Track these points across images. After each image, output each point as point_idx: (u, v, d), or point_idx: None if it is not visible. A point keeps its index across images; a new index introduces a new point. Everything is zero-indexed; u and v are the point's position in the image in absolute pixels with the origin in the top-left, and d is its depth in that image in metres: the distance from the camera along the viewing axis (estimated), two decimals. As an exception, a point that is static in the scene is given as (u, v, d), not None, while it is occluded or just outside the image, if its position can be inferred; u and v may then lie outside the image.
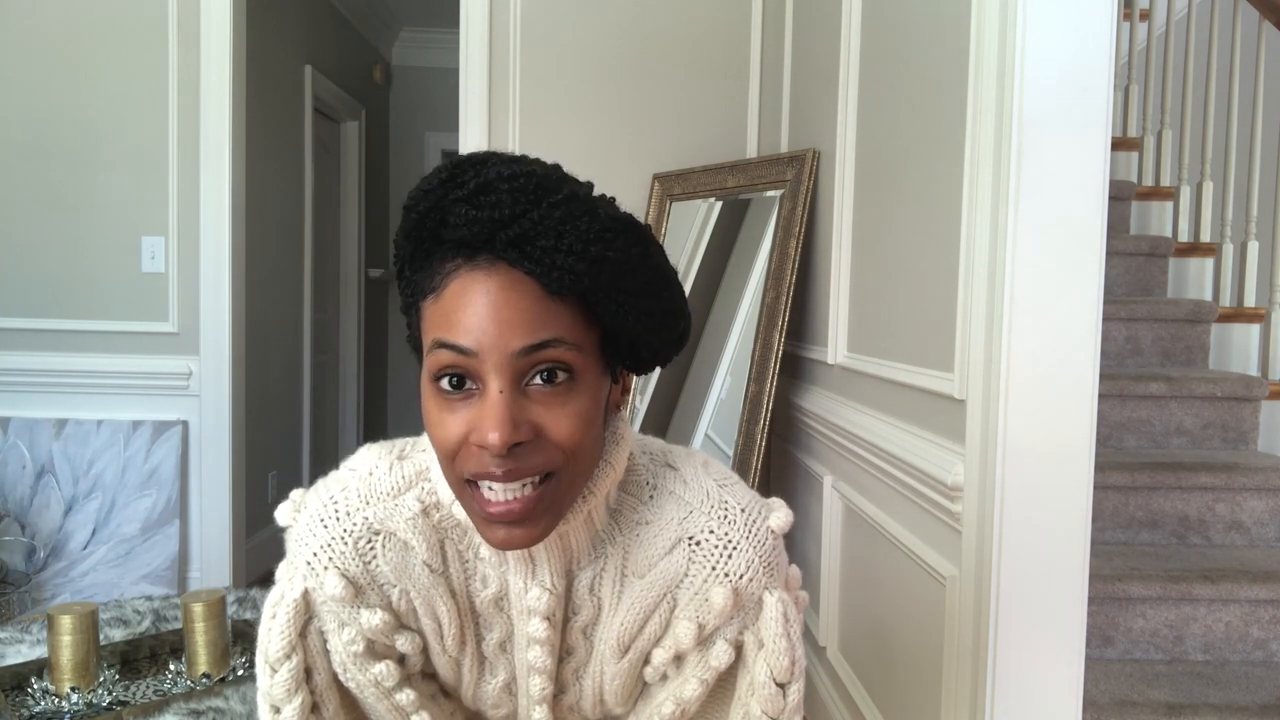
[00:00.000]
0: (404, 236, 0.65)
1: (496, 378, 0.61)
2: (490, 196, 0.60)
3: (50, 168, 2.95)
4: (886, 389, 1.80)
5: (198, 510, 3.02)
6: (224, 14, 2.90)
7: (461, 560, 0.75)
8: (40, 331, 2.98)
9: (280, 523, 0.74)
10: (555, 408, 0.63)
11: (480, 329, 0.61)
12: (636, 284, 0.65)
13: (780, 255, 2.31)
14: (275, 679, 0.73)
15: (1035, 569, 1.32)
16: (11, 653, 1.71)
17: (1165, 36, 2.91)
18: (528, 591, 0.74)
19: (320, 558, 0.71)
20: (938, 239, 1.55)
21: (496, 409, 0.61)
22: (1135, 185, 2.94)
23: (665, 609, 0.75)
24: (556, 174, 0.64)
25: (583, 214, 0.62)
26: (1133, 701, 1.70)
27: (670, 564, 0.73)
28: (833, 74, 2.14)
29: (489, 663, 0.80)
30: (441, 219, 0.62)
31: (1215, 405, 2.29)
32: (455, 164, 0.63)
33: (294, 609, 0.72)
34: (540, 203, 0.61)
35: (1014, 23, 1.28)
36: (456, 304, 0.62)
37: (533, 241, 0.60)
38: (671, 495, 0.75)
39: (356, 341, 4.81)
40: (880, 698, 1.83)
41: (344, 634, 0.73)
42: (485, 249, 0.62)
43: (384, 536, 0.72)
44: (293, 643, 0.72)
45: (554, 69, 2.76)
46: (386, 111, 5.29)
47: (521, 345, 0.61)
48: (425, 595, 0.74)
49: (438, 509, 0.73)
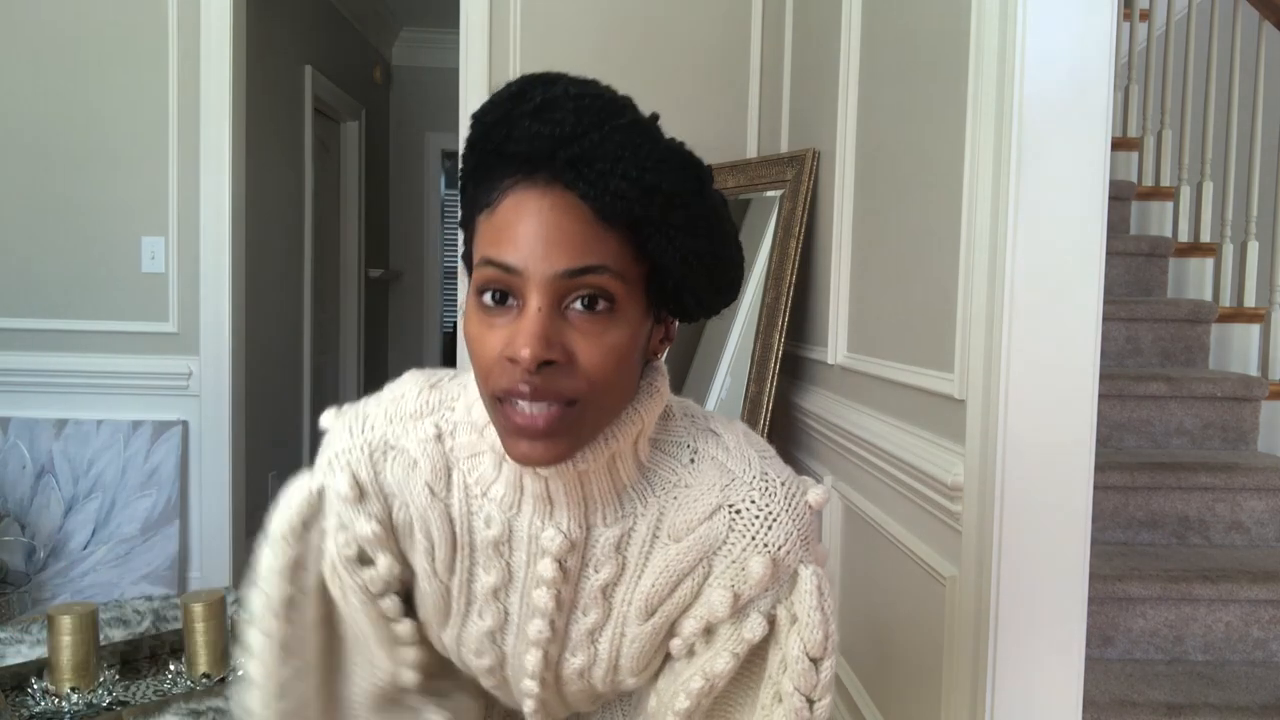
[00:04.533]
0: (468, 147, 0.66)
1: (537, 295, 0.62)
2: (555, 113, 0.61)
3: (50, 168, 2.95)
4: (886, 389, 1.80)
5: (198, 510, 3.02)
6: (224, 14, 2.90)
7: (467, 493, 0.76)
8: (40, 331, 2.98)
9: (322, 425, 0.79)
10: (591, 335, 0.63)
11: (528, 247, 0.61)
12: (687, 219, 0.65)
13: (780, 255, 2.31)
14: (272, 554, 0.78)
15: (1035, 569, 1.32)
16: (11, 653, 1.71)
17: (1165, 36, 2.91)
18: (543, 530, 0.74)
19: (340, 458, 0.76)
20: (938, 239, 1.55)
21: (532, 325, 0.61)
22: (1135, 185, 2.94)
23: (699, 574, 0.75)
24: (625, 100, 0.64)
25: (643, 141, 0.62)
26: (1133, 701, 1.70)
27: (710, 530, 0.74)
28: (833, 74, 2.14)
29: (478, 604, 0.79)
30: (507, 133, 0.62)
31: (1215, 405, 2.29)
32: (526, 79, 0.64)
33: (306, 499, 0.77)
34: (603, 124, 0.61)
35: (1014, 23, 1.28)
36: (507, 220, 0.63)
37: (590, 163, 0.60)
38: (713, 461, 0.75)
39: (356, 341, 4.80)
40: (880, 698, 1.83)
41: (339, 536, 0.77)
42: (544, 167, 0.62)
43: (397, 451, 0.75)
44: (295, 530, 0.77)
45: (554, 69, 2.74)
46: (386, 111, 5.29)
47: (566, 267, 0.61)
48: (421, 513, 0.76)
49: (453, 436, 0.75)
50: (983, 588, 1.34)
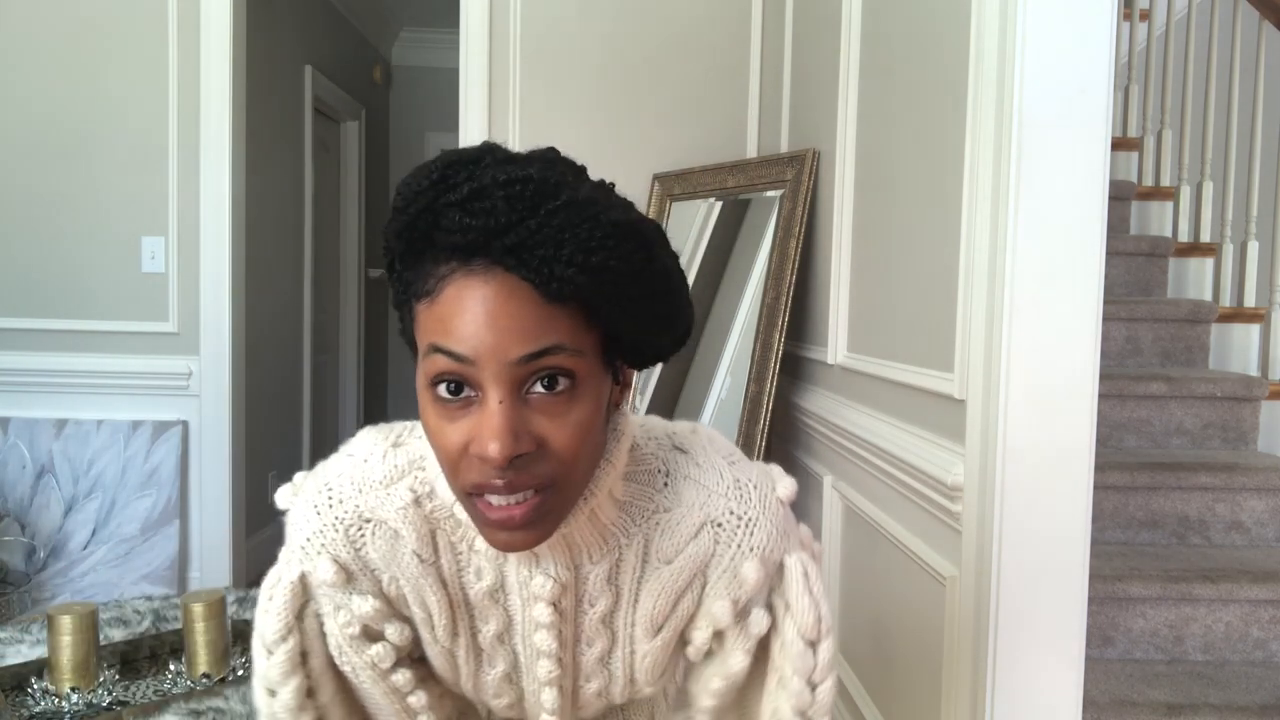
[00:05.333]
0: (394, 236, 0.62)
1: (496, 387, 0.60)
2: (484, 203, 0.58)
3: (50, 168, 2.95)
4: (886, 389, 1.80)
5: (198, 510, 3.02)
6: (224, 14, 2.90)
7: (454, 552, 0.74)
8: (40, 331, 2.98)
9: (279, 505, 0.74)
10: (557, 417, 0.62)
11: (478, 336, 0.59)
12: (640, 290, 0.63)
13: (780, 255, 2.31)
14: (271, 660, 0.73)
15: (1035, 569, 1.32)
16: (11, 653, 1.71)
17: (1165, 36, 2.91)
18: (532, 579, 0.74)
19: (314, 542, 0.71)
20: (938, 239, 1.55)
21: (496, 420, 0.59)
22: (1135, 185, 2.94)
23: (696, 588, 0.77)
24: (555, 176, 0.60)
25: (582, 221, 0.59)
26: (1133, 701, 1.70)
27: (697, 548, 0.75)
28: (833, 74, 2.14)
29: (486, 654, 0.79)
30: (434, 221, 0.59)
31: (1215, 405, 2.29)
32: (447, 163, 0.60)
33: (291, 591, 0.72)
34: (537, 210, 0.58)
35: (1014, 23, 1.28)
36: (452, 310, 0.60)
37: (530, 250, 0.58)
38: (688, 480, 0.76)
39: (356, 341, 4.80)
40: (880, 698, 1.83)
41: (339, 617, 0.73)
42: (481, 254, 0.59)
43: (374, 524, 0.71)
44: (289, 625, 0.73)
45: (554, 69, 2.76)
46: (386, 111, 5.29)
47: (521, 354, 0.59)
48: (414, 584, 0.74)
49: (430, 498, 0.72)
50: (983, 588, 1.34)
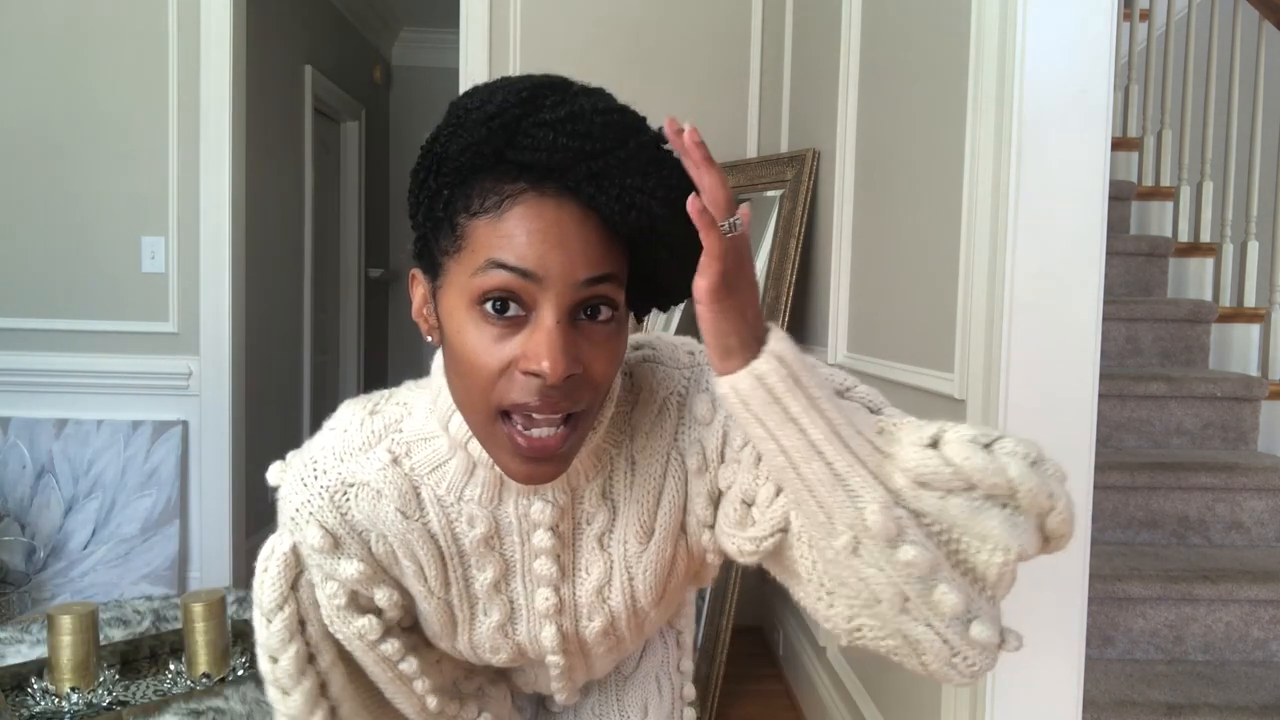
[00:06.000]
0: (461, 150, 0.62)
1: (554, 307, 0.61)
2: (580, 126, 0.60)
3: (50, 167, 2.95)
4: (886, 389, 1.80)
5: (198, 510, 3.02)
6: (224, 14, 2.90)
7: (441, 505, 0.75)
8: (40, 331, 2.98)
9: (270, 482, 0.77)
10: (601, 345, 0.64)
11: (549, 255, 0.61)
12: (691, 229, 0.65)
13: (780, 255, 2.31)
14: (270, 629, 0.75)
15: (1035, 569, 1.31)
16: (11, 653, 1.71)
17: (1165, 36, 2.91)
18: (531, 505, 0.75)
19: (302, 512, 0.73)
20: (938, 239, 1.55)
21: (555, 339, 0.61)
22: (1135, 185, 2.94)
23: (675, 471, 0.76)
24: (640, 116, 0.65)
25: (665, 157, 0.63)
26: (1133, 701, 1.70)
27: (663, 423, 0.76)
28: (833, 74, 2.14)
29: (481, 603, 0.80)
30: (509, 139, 0.61)
31: (1215, 405, 2.29)
32: (535, 85, 0.63)
33: (284, 561, 0.74)
34: (626, 141, 0.61)
35: (1014, 23, 1.28)
36: (520, 227, 0.61)
37: (613, 179, 0.61)
38: (644, 365, 0.78)
39: (356, 341, 4.80)
40: (880, 698, 1.83)
41: (327, 587, 0.75)
42: (556, 178, 0.61)
43: (357, 487, 0.73)
44: (284, 594, 0.75)
45: (554, 69, 2.72)
46: (386, 111, 5.29)
47: (586, 275, 0.62)
48: (401, 539, 0.75)
49: (408, 457, 0.74)
50: (983, 588, 1.34)
